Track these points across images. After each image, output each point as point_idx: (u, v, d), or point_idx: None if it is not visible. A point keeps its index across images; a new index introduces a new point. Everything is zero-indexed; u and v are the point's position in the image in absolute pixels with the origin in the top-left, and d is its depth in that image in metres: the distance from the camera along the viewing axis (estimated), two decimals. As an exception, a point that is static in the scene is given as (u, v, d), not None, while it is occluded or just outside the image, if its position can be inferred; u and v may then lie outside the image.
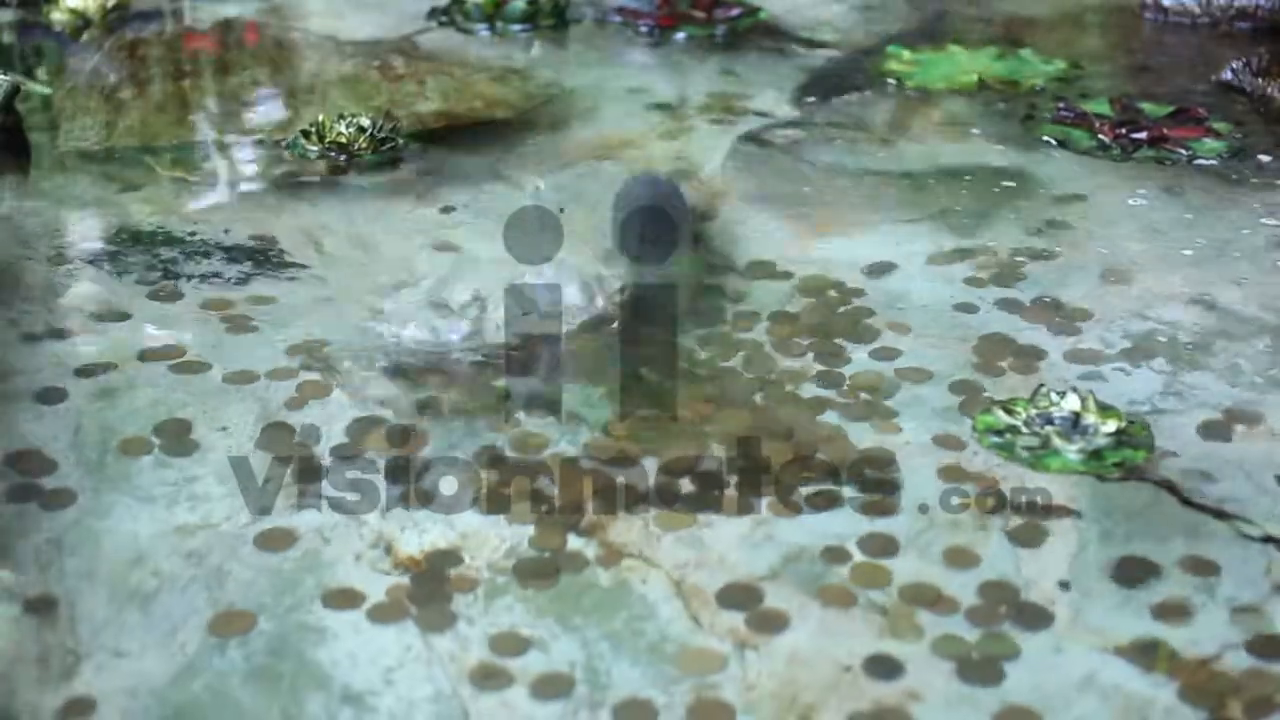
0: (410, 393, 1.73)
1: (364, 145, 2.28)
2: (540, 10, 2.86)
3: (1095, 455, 1.61)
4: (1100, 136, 2.35)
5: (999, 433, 1.65)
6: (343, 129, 2.28)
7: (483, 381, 1.75)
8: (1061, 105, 2.45)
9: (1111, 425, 1.63)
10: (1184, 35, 2.82)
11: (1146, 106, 2.44)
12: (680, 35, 2.80)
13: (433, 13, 2.90)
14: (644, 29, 2.81)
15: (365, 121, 2.30)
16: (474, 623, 1.41)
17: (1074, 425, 1.63)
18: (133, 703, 1.32)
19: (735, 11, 2.86)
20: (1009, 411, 1.66)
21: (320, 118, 2.30)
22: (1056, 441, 1.62)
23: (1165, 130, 2.35)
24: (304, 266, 2.00)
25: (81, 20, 2.79)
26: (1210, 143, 2.33)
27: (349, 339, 1.83)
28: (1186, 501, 1.57)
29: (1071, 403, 1.64)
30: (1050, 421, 1.64)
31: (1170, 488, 1.58)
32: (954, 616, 1.42)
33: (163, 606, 1.42)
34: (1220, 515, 1.55)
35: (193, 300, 1.92)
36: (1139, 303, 1.92)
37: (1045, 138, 2.37)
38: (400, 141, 2.32)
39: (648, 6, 2.87)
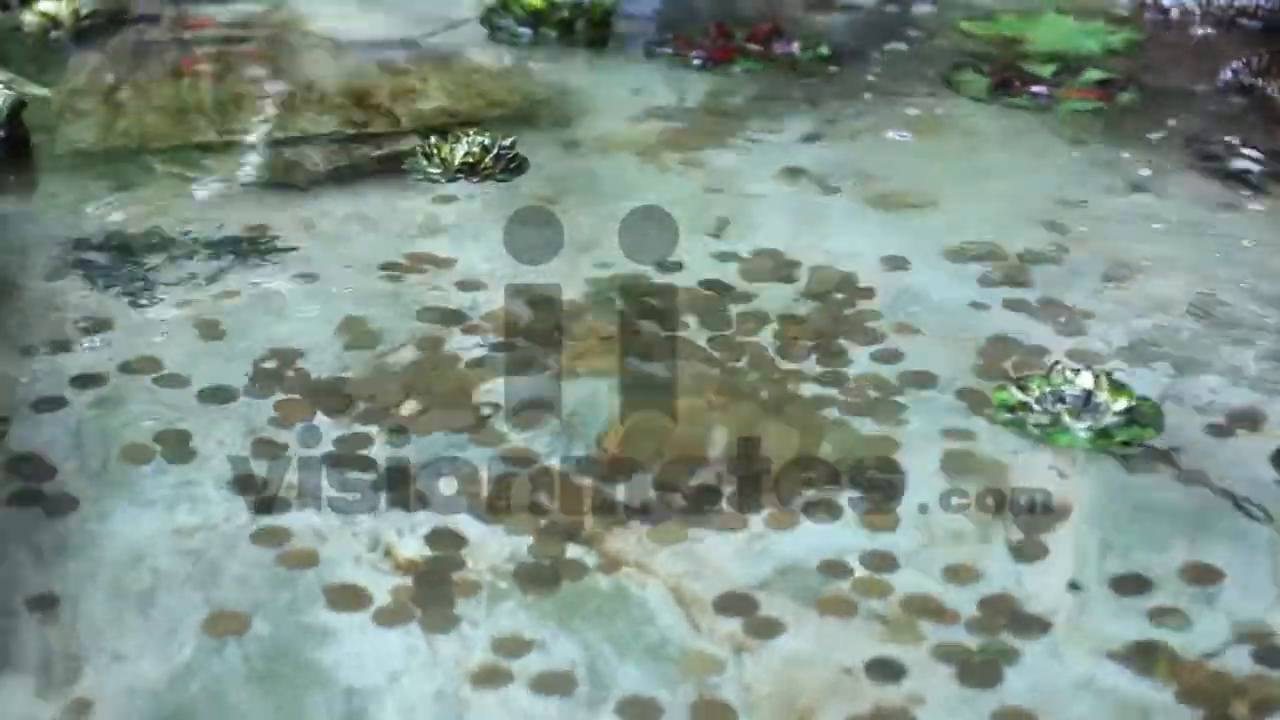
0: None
1: (490, 164, 2.34)
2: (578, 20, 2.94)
3: (1104, 434, 1.74)
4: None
5: (1011, 409, 1.78)
6: (466, 150, 2.33)
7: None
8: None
9: (1122, 403, 1.76)
10: (1184, 35, 2.95)
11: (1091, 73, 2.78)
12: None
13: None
14: (696, 61, 2.84)
15: (486, 140, 2.35)
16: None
17: (1085, 403, 1.75)
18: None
19: (793, 45, 2.90)
20: (1023, 388, 1.79)
21: (433, 140, 2.36)
22: (1067, 419, 1.75)
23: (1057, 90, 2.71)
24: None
25: (51, 24, 2.88)
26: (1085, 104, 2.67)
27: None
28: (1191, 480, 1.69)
29: (1085, 381, 1.77)
30: (1062, 399, 1.76)
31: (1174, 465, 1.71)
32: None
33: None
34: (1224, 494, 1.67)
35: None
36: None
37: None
38: (522, 157, 2.38)
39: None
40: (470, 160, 2.33)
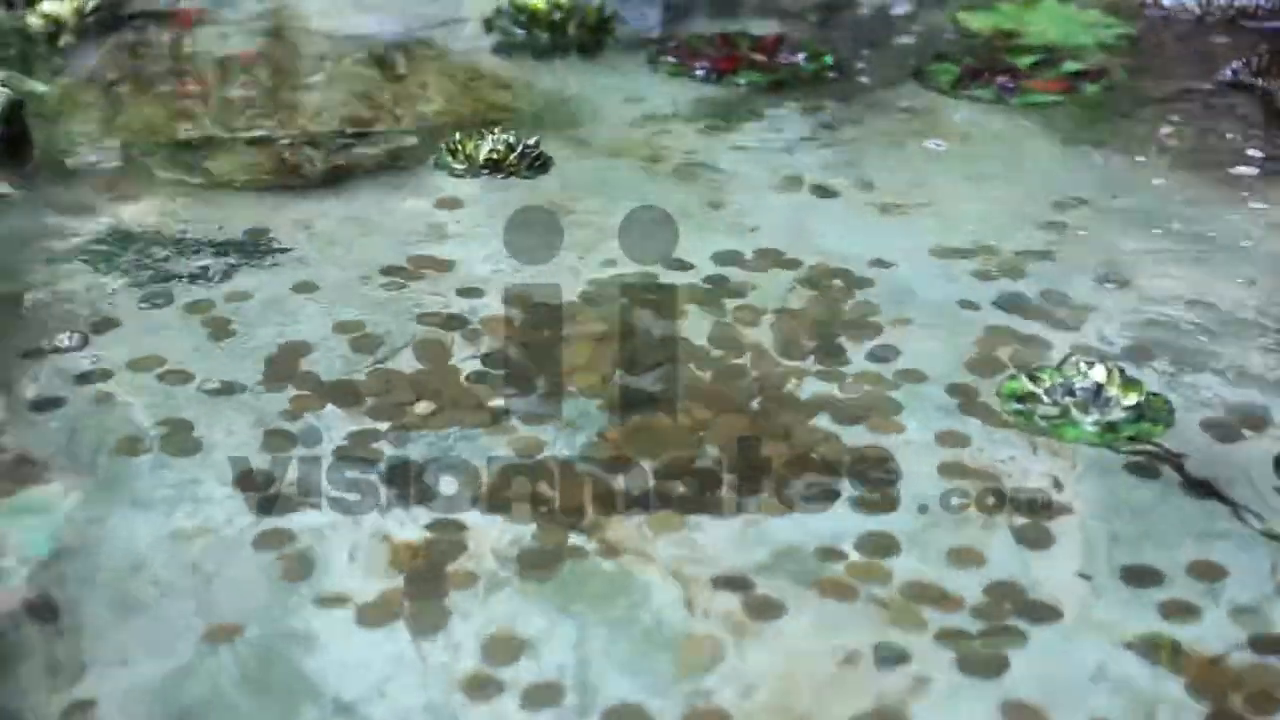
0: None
1: (514, 162, 2.37)
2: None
3: (1110, 428, 1.76)
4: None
5: (1020, 399, 1.81)
6: (491, 147, 2.37)
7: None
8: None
9: (1132, 399, 1.78)
10: (1184, 34, 2.98)
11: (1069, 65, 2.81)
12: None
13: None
14: (699, 72, 2.79)
15: (511, 138, 2.39)
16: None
17: (1095, 396, 1.78)
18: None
19: (800, 56, 2.85)
20: (1034, 379, 1.81)
21: (458, 136, 2.39)
22: (1075, 413, 1.77)
23: (1030, 81, 2.75)
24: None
25: (55, 25, 2.90)
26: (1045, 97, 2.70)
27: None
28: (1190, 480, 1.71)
29: (1098, 374, 1.79)
30: (1072, 392, 1.79)
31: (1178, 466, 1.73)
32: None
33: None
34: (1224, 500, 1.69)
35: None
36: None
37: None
38: (547, 155, 2.41)
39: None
40: (494, 157, 2.37)
